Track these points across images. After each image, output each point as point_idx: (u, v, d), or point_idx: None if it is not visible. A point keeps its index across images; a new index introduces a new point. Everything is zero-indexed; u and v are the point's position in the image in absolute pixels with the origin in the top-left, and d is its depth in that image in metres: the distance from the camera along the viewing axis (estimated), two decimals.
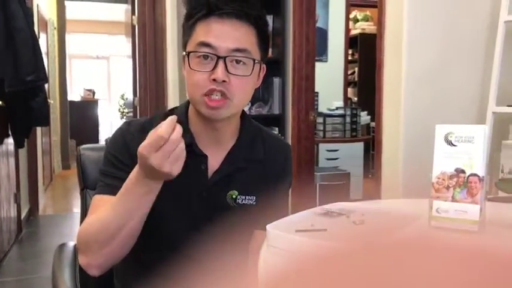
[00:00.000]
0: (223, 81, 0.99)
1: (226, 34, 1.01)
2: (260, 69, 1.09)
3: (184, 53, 1.06)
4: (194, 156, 1.08)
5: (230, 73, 1.00)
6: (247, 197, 1.10)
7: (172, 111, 1.16)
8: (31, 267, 3.36)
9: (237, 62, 1.02)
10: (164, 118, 1.12)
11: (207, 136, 1.10)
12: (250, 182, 1.11)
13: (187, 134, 1.08)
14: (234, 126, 1.13)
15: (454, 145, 1.03)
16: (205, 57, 1.01)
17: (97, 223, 0.99)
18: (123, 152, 1.06)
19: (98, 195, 1.06)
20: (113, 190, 1.02)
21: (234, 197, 1.10)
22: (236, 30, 1.01)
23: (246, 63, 1.03)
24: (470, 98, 2.35)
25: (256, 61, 1.04)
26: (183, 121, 1.10)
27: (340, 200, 1.32)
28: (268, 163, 1.15)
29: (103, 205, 1.02)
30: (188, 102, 1.12)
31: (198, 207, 1.02)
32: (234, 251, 1.13)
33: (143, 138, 1.06)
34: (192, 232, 1.07)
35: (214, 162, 1.10)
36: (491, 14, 2.32)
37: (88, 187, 1.35)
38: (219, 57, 1.00)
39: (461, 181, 1.01)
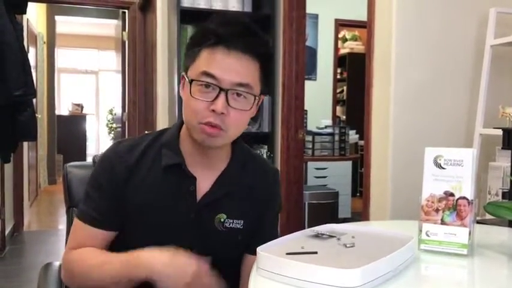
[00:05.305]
0: (222, 113, 0.99)
1: (231, 67, 0.99)
2: (259, 100, 1.09)
3: (183, 73, 1.05)
4: (183, 176, 1.07)
5: (230, 106, 1.00)
6: (235, 221, 1.10)
7: (164, 132, 1.15)
8: (14, 285, 3.29)
9: (238, 95, 1.01)
10: (155, 138, 1.12)
11: (197, 158, 1.09)
12: (239, 206, 1.11)
13: (177, 155, 1.09)
14: (225, 150, 1.13)
15: (443, 168, 1.03)
16: (207, 86, 1.00)
17: (80, 271, 1.04)
18: (108, 177, 1.07)
19: (79, 222, 1.09)
20: (92, 221, 1.07)
21: (222, 220, 1.09)
22: (240, 64, 1.00)
23: (247, 98, 1.03)
24: (457, 120, 2.38)
25: (256, 97, 1.04)
26: (174, 141, 1.11)
27: (328, 219, 1.32)
28: (257, 188, 1.15)
29: (84, 238, 1.07)
30: (181, 123, 1.12)
31: (185, 229, 1.01)
32: (220, 273, 1.12)
33: (131, 159, 1.06)
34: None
35: (204, 184, 1.09)
36: (478, 39, 2.36)
37: (74, 206, 1.32)
38: (221, 89, 0.99)
39: (450, 204, 1.01)
